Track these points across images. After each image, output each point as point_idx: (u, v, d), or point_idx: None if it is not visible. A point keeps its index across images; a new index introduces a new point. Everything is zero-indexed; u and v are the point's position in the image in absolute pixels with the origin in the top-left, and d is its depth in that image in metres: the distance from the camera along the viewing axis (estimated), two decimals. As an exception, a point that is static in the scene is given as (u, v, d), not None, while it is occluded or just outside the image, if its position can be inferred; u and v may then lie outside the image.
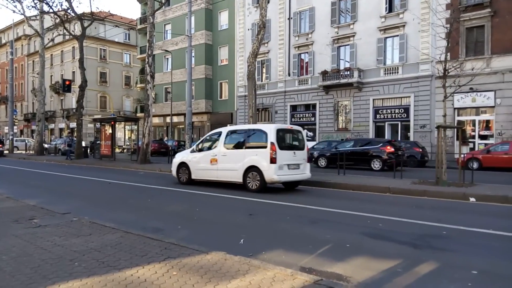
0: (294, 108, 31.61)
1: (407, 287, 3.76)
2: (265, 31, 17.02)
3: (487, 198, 8.98)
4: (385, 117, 26.39)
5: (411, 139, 24.14)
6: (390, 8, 26.08)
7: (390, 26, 25.82)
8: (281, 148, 10.03)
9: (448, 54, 12.28)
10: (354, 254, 4.76)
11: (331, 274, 4.06)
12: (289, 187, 11.13)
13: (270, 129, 10.19)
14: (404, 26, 25.14)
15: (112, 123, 23.37)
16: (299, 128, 11.78)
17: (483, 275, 4.03)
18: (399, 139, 24.82)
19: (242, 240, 5.35)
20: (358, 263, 4.44)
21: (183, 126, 34.71)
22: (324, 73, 28.29)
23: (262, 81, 33.17)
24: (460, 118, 23.25)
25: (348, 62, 27.98)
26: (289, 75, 31.34)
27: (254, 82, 16.35)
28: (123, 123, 24.85)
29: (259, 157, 10.04)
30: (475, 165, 17.24)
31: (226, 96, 36.99)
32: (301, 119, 31.01)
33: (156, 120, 40.74)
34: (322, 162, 19.37)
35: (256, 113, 16.90)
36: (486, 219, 7.04)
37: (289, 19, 31.11)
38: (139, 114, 44.35)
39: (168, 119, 39.46)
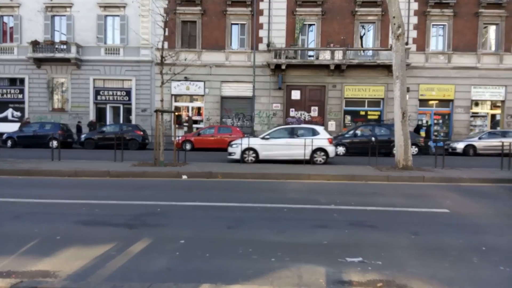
0: (-6, 81, 25.80)
1: (120, 268, 3.74)
2: None
3: (196, 174, 10.32)
4: (107, 99, 25.69)
5: (133, 122, 24.67)
6: (111, -14, 25.26)
7: (110, 4, 25.03)
8: None
9: (166, 43, 13.20)
10: (65, 245, 4.33)
11: (35, 273, 3.57)
12: None
13: None
14: (124, 7, 24.97)
15: None
16: None
17: (189, 243, 4.53)
18: (121, 121, 24.90)
19: None
20: (68, 255, 4.07)
21: None
22: (35, 44, 24.42)
23: None
24: (177, 104, 25.65)
25: (65, 35, 25.28)
26: (-15, 39, 25.19)
27: None
28: None
29: None
30: (189, 147, 19.54)
31: None
32: (5, 95, 25.73)
33: None
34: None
35: None
36: (193, 193, 8.04)
37: (-16, -32, 24.82)
38: None
39: None
